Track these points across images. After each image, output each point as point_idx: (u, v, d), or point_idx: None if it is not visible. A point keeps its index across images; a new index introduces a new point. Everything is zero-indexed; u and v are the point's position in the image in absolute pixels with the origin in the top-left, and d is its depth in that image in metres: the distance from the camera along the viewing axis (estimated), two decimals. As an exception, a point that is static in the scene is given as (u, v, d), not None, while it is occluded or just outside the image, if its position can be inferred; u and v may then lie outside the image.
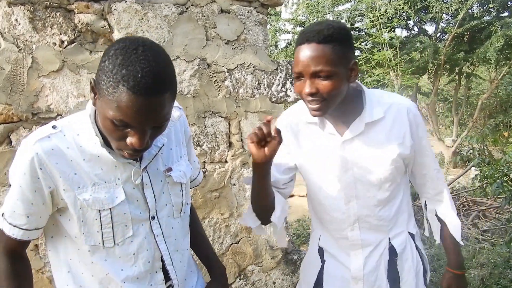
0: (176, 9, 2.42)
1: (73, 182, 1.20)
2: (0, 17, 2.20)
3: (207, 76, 2.48)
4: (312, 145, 1.63)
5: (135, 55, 1.05)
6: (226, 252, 2.59)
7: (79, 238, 1.25)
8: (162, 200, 1.36)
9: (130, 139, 1.11)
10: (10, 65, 2.22)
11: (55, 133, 1.20)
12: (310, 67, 1.41)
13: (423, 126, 1.66)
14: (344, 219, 1.63)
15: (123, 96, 1.03)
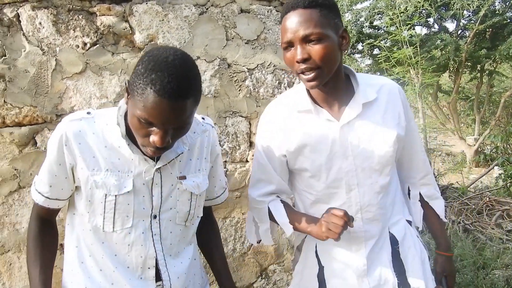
0: (196, 10, 2.44)
1: (90, 163, 1.33)
2: (25, 20, 2.24)
3: (227, 76, 2.49)
4: (306, 134, 1.55)
5: (165, 62, 1.16)
6: (248, 251, 2.60)
7: (85, 216, 1.37)
8: (168, 203, 1.43)
9: (152, 137, 1.21)
10: (35, 67, 2.26)
11: (87, 118, 1.35)
12: (299, 32, 1.37)
13: (409, 107, 1.65)
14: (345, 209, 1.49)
15: (150, 98, 1.15)
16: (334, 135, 1.52)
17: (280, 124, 1.60)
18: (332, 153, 1.53)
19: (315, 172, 1.57)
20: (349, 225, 1.40)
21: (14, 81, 2.26)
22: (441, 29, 10.82)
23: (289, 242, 2.61)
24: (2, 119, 2.27)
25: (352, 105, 1.51)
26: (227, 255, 2.54)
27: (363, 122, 1.52)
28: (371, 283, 1.56)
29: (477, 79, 11.79)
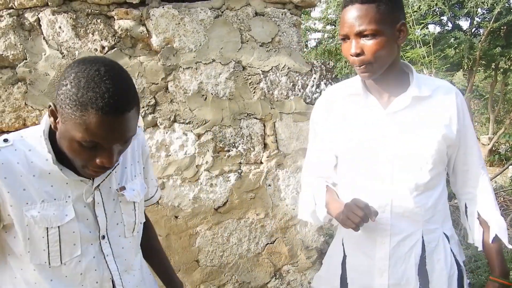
0: (212, 13, 2.47)
1: (21, 198, 1.16)
2: (45, 25, 2.30)
3: (242, 79, 2.52)
4: (351, 117, 1.59)
5: (98, 77, 1.05)
6: (262, 252, 2.63)
7: (24, 256, 1.20)
8: (114, 219, 1.33)
9: (100, 158, 1.11)
10: (55, 70, 2.31)
11: (5, 146, 1.16)
12: (354, 27, 1.42)
13: (469, 115, 1.61)
14: (376, 199, 1.53)
15: (92, 118, 1.03)
16: (377, 122, 1.54)
17: (330, 106, 1.66)
18: (372, 140, 1.55)
19: (352, 156, 1.60)
20: (370, 218, 1.41)
21: (34, 84, 2.31)
22: (455, 27, 10.72)
23: (302, 243, 2.64)
24: (23, 121, 2.32)
25: (402, 97, 1.53)
26: (241, 256, 2.59)
27: (410, 115, 1.53)
28: (391, 279, 1.56)
29: (492, 78, 11.68)
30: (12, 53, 2.29)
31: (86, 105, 1.03)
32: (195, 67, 2.46)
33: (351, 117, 1.60)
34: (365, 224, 1.55)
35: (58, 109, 1.09)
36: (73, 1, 2.34)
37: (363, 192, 1.57)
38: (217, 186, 2.54)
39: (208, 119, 2.50)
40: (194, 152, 2.49)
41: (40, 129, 1.22)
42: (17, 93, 2.31)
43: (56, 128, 1.14)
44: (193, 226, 2.54)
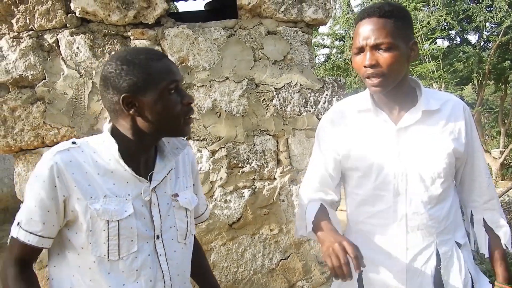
0: (225, 32, 2.52)
1: (87, 192, 1.27)
2: (64, 45, 2.36)
3: (255, 96, 2.56)
4: (362, 133, 1.60)
5: (130, 51, 1.33)
6: (276, 267, 2.64)
7: (85, 249, 1.29)
8: (167, 222, 1.40)
9: (184, 98, 1.32)
10: (72, 90, 2.38)
11: (74, 147, 1.29)
12: (371, 39, 1.44)
13: (476, 128, 1.64)
14: (390, 213, 1.55)
15: (159, 65, 1.28)
16: (389, 137, 1.56)
17: (340, 121, 1.67)
18: (385, 155, 1.56)
19: (365, 171, 1.60)
20: (355, 265, 1.34)
21: (53, 103, 2.37)
22: (463, 41, 10.75)
23: (316, 259, 2.65)
24: (42, 139, 2.38)
25: (413, 112, 1.55)
26: (256, 271, 2.60)
27: (421, 130, 1.55)
28: None
29: (502, 91, 11.66)
30: (32, 73, 2.36)
31: (147, 62, 1.27)
32: (209, 85, 2.51)
33: (362, 133, 1.61)
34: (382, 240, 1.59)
35: (132, 90, 1.26)
36: (90, 22, 2.41)
37: (377, 206, 1.59)
38: (231, 202, 2.56)
39: (222, 135, 2.54)
40: (208, 169, 2.53)
41: (102, 135, 1.35)
42: (36, 112, 2.36)
43: (140, 113, 1.29)
44: (208, 242, 2.56)
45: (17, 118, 2.36)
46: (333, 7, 2.65)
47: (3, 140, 2.35)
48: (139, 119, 1.30)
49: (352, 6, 11.08)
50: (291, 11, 2.57)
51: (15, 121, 2.36)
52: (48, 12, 2.36)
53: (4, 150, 2.37)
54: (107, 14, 2.36)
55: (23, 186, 2.39)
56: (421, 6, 8.71)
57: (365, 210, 1.63)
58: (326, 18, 2.61)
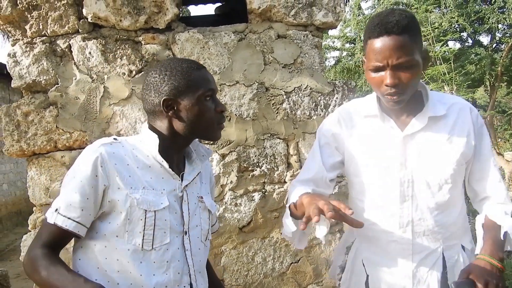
0: (235, 37, 2.54)
1: (127, 182, 1.34)
2: (76, 50, 2.39)
3: (265, 99, 2.57)
4: (368, 139, 1.59)
5: (173, 60, 1.45)
6: (287, 271, 2.64)
7: (120, 238, 1.33)
8: (194, 220, 1.48)
9: (218, 106, 1.45)
10: (85, 94, 2.40)
11: (115, 142, 1.39)
12: (392, 59, 1.40)
13: (486, 130, 1.61)
14: (396, 220, 1.56)
15: (199, 75, 1.41)
16: (395, 144, 1.55)
17: (347, 124, 1.66)
18: (391, 161, 1.55)
19: (370, 178, 1.60)
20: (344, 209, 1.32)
21: (65, 107, 2.40)
22: (475, 43, 10.66)
23: (327, 262, 2.65)
24: (54, 144, 2.41)
25: (419, 118, 1.54)
26: (266, 275, 2.60)
27: (428, 136, 1.54)
28: None
29: (514, 93, 11.53)
30: (45, 78, 2.39)
31: (189, 70, 1.40)
32: (219, 88, 2.52)
33: (368, 139, 1.60)
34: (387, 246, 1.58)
35: (173, 94, 1.39)
36: (102, 28, 2.44)
37: (383, 212, 1.59)
38: (242, 205, 2.57)
39: (232, 139, 2.55)
40: (219, 172, 2.54)
41: (139, 135, 1.48)
42: (48, 117, 2.39)
43: (178, 115, 1.41)
44: (218, 245, 2.57)
45: (30, 123, 2.39)
46: (343, 10, 2.65)
47: (16, 144, 2.38)
48: (175, 121, 1.42)
49: (362, 9, 11.04)
50: (301, 15, 2.57)
51: (28, 125, 2.39)
52: (60, 18, 2.39)
53: (18, 154, 2.40)
54: (118, 20, 2.39)
55: (36, 189, 2.42)
56: (432, 8, 8.66)
57: (371, 217, 1.62)
58: (336, 21, 2.61)
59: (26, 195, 2.94)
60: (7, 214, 10.62)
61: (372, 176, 1.59)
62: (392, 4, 9.83)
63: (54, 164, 2.42)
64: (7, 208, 10.67)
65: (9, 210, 10.76)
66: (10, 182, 10.96)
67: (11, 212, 10.87)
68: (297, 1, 2.55)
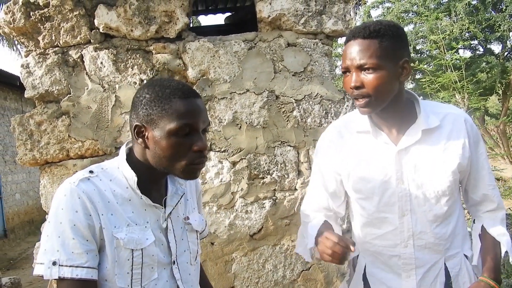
0: (245, 45, 2.55)
1: (111, 221, 1.24)
2: (88, 61, 2.42)
3: (275, 107, 2.58)
4: (362, 155, 1.59)
5: (166, 81, 1.30)
6: (297, 278, 2.63)
7: (109, 282, 1.25)
8: (181, 246, 1.41)
9: (196, 144, 1.25)
10: (96, 104, 2.43)
11: (93, 176, 1.26)
12: (355, 60, 1.43)
13: (480, 137, 1.61)
14: (397, 234, 1.56)
15: (179, 104, 1.23)
16: (390, 159, 1.54)
17: (339, 142, 1.65)
18: (387, 177, 1.55)
19: (368, 194, 1.59)
20: (349, 250, 1.40)
21: (77, 116, 2.43)
22: (486, 51, 10.61)
23: (338, 270, 2.63)
24: (67, 152, 2.43)
25: (412, 131, 1.53)
26: (277, 282, 2.59)
27: (422, 149, 1.53)
28: None
29: (527, 101, 11.42)
30: (57, 88, 2.42)
31: (169, 97, 1.24)
32: (229, 97, 2.53)
33: (362, 155, 1.60)
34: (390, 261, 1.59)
35: (145, 120, 1.26)
36: (113, 38, 2.47)
37: (383, 227, 1.59)
38: (252, 212, 2.57)
39: (243, 147, 2.55)
40: (229, 180, 2.54)
41: (118, 160, 1.34)
42: (61, 126, 2.42)
43: (147, 146, 1.28)
44: (229, 252, 2.57)
45: (43, 132, 2.42)
46: (353, 18, 2.66)
47: (29, 154, 2.41)
48: (146, 150, 1.29)
49: (372, 17, 11.05)
50: (310, 23, 2.58)
51: (41, 135, 2.42)
52: (73, 29, 2.43)
53: (31, 163, 2.43)
54: (129, 30, 2.42)
55: (48, 198, 2.44)
56: (442, 16, 8.64)
57: (371, 232, 1.63)
58: (346, 29, 2.62)
59: (38, 204, 2.96)
60: (19, 223, 10.72)
61: (370, 192, 1.59)
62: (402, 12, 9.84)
63: (66, 173, 2.44)
64: (19, 217, 10.77)
65: (21, 219, 10.86)
66: (23, 191, 11.07)
67: (24, 221, 10.96)
68: (306, 10, 2.57)
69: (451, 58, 6.75)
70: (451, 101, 6.66)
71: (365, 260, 1.70)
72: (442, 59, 6.74)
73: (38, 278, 7.02)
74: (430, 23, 8.37)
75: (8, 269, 7.97)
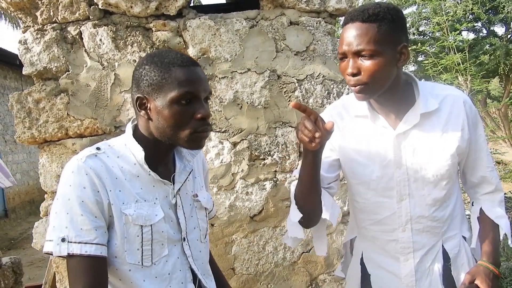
0: (247, 23, 2.50)
1: (119, 198, 1.24)
2: (87, 37, 2.38)
3: (277, 87, 2.54)
4: (361, 139, 1.56)
5: (164, 51, 1.29)
6: (298, 260, 2.62)
7: (119, 258, 1.25)
8: (191, 223, 1.41)
9: (199, 112, 1.25)
10: (95, 82, 2.39)
11: (100, 153, 1.26)
12: (352, 46, 1.38)
13: (479, 119, 1.58)
14: (395, 219, 1.54)
15: (179, 72, 1.23)
16: (388, 143, 1.52)
17: (337, 125, 1.61)
18: (386, 161, 1.53)
19: (365, 179, 1.57)
20: (323, 128, 1.31)
21: (76, 94, 2.39)
22: (490, 33, 10.51)
23: (339, 252, 2.62)
24: (65, 131, 2.40)
25: (410, 115, 1.50)
26: (277, 264, 2.59)
27: (420, 133, 1.50)
28: None
29: (529, 84, 11.36)
30: (56, 65, 2.38)
31: (169, 66, 1.23)
32: (230, 76, 2.49)
33: (362, 139, 1.57)
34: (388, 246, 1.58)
35: (146, 92, 1.25)
36: (113, 14, 2.42)
37: (380, 212, 1.57)
38: (253, 194, 2.55)
39: (244, 127, 2.52)
40: (230, 161, 2.52)
41: (124, 137, 1.34)
42: (60, 104, 2.39)
43: (150, 117, 1.27)
44: (229, 234, 2.56)
45: (41, 110, 2.39)
46: (356, -3, 2.60)
47: (28, 132, 2.38)
48: (150, 122, 1.28)
49: (375, -2, 10.92)
50: (313, 1, 2.53)
51: (39, 112, 2.39)
52: (71, 4, 2.37)
53: (29, 141, 2.40)
54: (129, 6, 2.36)
55: (47, 177, 2.42)
56: (446, -3, 8.54)
57: (369, 218, 1.61)
58: (349, 7, 2.56)
59: (38, 184, 2.95)
60: (20, 203, 10.77)
61: (368, 177, 1.56)
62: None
63: (65, 152, 2.41)
64: (20, 198, 10.81)
65: (22, 200, 10.90)
66: (23, 171, 11.10)
67: (24, 201, 11.01)
68: (310, -13, 2.51)
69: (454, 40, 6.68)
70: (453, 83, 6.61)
71: (362, 245, 1.69)
72: (445, 40, 6.67)
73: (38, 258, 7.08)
74: (433, 4, 8.26)
75: (9, 249, 8.03)
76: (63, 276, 2.41)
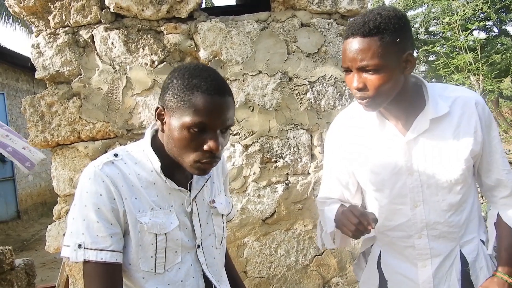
0: (258, 26, 2.49)
1: (135, 205, 1.24)
2: (98, 41, 2.38)
3: (288, 89, 2.53)
4: (371, 147, 1.54)
5: (199, 69, 1.22)
6: (310, 263, 2.61)
7: (133, 265, 1.26)
8: (207, 230, 1.40)
9: (208, 144, 1.19)
10: (107, 85, 2.39)
11: (117, 160, 1.26)
12: (356, 61, 1.34)
13: (493, 120, 1.53)
14: (410, 226, 1.52)
15: (199, 99, 1.16)
16: (399, 150, 1.49)
17: (347, 134, 1.60)
18: (397, 168, 1.50)
19: (378, 187, 1.55)
20: (369, 226, 1.34)
21: (88, 98, 2.40)
22: (501, 32, 10.41)
23: (352, 255, 2.60)
24: (78, 134, 2.41)
25: (420, 120, 1.47)
26: (289, 267, 2.57)
27: (431, 138, 1.47)
28: None
29: (542, 84, 11.24)
30: (68, 69, 2.39)
31: (193, 89, 1.17)
32: (242, 78, 2.49)
33: (370, 147, 1.54)
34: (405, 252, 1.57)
35: (166, 105, 1.22)
36: (124, 18, 2.42)
37: (395, 219, 1.56)
38: (265, 197, 2.54)
39: (255, 130, 2.51)
40: (241, 163, 2.51)
41: (143, 143, 1.33)
42: (72, 107, 2.40)
43: (163, 129, 1.25)
44: (241, 237, 2.55)
45: (54, 113, 2.40)
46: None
47: (40, 135, 2.39)
48: (163, 134, 1.27)
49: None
50: (325, 3, 2.52)
51: (52, 116, 2.40)
52: (83, 8, 2.38)
53: (42, 145, 2.41)
54: (140, 9, 2.37)
55: (60, 180, 2.42)
56: (456, -3, 8.47)
57: (384, 224, 1.59)
58: (361, 9, 2.55)
59: (50, 186, 2.96)
60: (32, 204, 10.84)
61: (380, 184, 1.54)
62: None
63: (77, 155, 2.42)
64: (32, 199, 10.88)
65: (34, 201, 10.98)
66: (35, 173, 11.16)
67: (36, 202, 11.08)
68: (321, -11, 2.50)
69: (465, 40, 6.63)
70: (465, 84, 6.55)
71: (379, 249, 1.67)
72: (456, 40, 6.62)
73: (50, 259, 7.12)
74: (442, 3, 8.20)
75: (21, 250, 8.08)
76: (76, 279, 2.42)
